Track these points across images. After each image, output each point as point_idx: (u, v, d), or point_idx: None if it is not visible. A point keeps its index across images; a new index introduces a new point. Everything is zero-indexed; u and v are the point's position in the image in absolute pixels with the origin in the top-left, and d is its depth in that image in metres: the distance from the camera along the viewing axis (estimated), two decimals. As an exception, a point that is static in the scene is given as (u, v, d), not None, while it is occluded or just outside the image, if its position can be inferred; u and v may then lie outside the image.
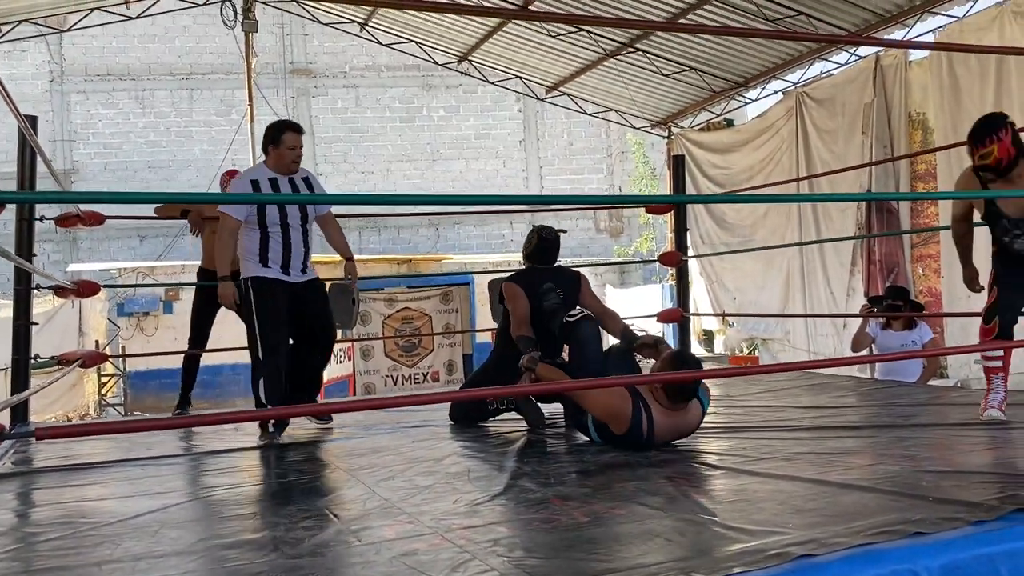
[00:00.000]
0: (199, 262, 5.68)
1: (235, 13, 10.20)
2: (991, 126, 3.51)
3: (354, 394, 11.57)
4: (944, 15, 7.24)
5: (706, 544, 2.05)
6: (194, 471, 3.56)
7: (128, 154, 16.97)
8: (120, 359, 12.49)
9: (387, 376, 11.81)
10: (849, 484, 2.57)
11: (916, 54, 7.73)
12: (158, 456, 3.89)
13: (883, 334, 6.09)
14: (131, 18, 9.66)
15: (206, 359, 5.66)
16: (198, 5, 9.93)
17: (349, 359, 11.66)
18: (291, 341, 4.37)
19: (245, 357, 4.61)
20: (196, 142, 17.04)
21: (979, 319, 6.58)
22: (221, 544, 2.36)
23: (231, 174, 5.70)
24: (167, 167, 16.88)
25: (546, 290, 4.27)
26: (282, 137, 4.22)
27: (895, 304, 6.17)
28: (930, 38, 7.27)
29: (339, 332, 9.73)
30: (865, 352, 6.13)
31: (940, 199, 7.25)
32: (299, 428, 4.53)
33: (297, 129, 4.31)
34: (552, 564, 1.99)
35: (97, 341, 12.51)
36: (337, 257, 4.85)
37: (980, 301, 6.67)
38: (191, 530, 2.54)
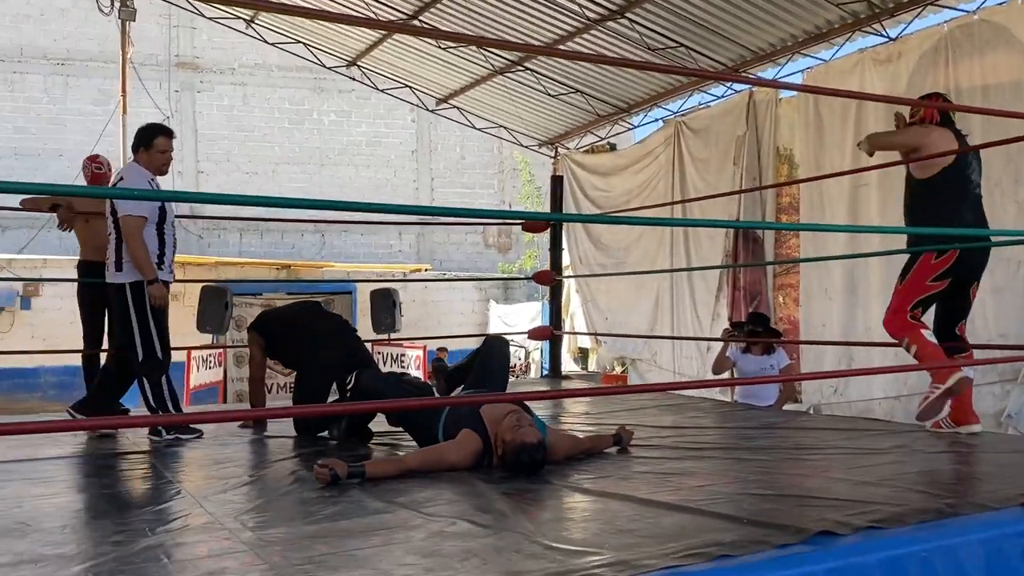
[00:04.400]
0: (72, 256, 5.47)
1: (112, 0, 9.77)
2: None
3: (224, 401, 11.17)
4: (813, 57, 7.61)
5: (518, 564, 2.04)
6: (13, 480, 3.32)
7: (-8, 139, 15.97)
8: (-31, 356, 11.66)
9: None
10: (675, 505, 2.61)
11: (786, 92, 8.09)
12: (-23, 463, 3.63)
13: (743, 358, 6.32)
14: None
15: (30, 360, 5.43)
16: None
17: (220, 365, 11.23)
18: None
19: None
20: (69, 131, 16.16)
21: (832, 347, 6.95)
22: (13, 560, 2.20)
23: (94, 160, 5.47)
24: (36, 156, 15.95)
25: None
26: (154, 141, 4.42)
27: (755, 330, 6.42)
28: (799, 77, 7.60)
29: (211, 337, 9.38)
30: (727, 375, 6.36)
31: (802, 230, 7.59)
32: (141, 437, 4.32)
33: (169, 133, 4.52)
34: (360, 584, 1.93)
35: (-57, 336, 11.67)
36: (212, 259, 5.00)
37: (832, 331, 7.05)
38: (-13, 545, 2.36)
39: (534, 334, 6.95)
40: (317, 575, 2.00)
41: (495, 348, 4.48)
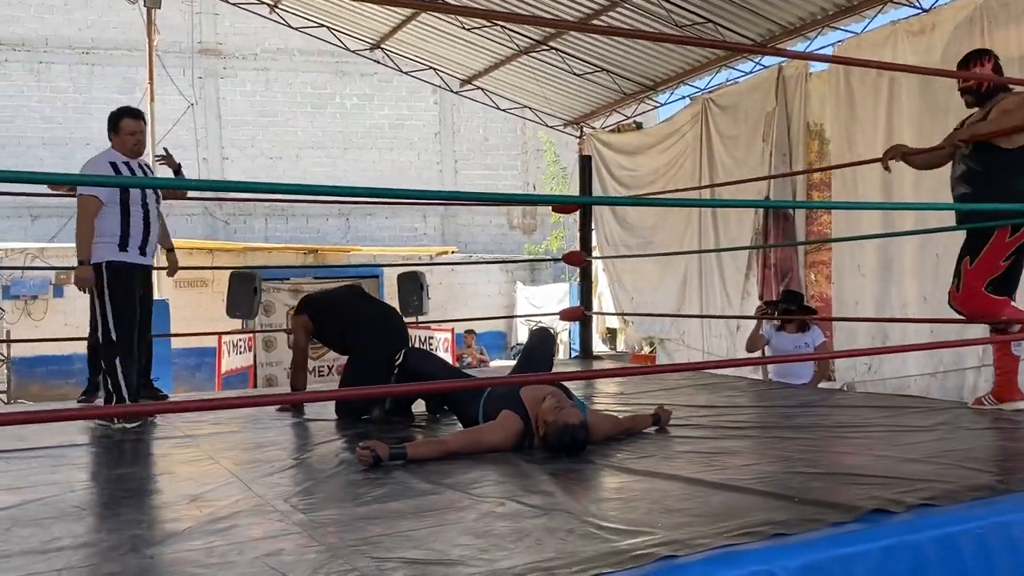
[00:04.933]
0: None
1: (137, -13, 9.80)
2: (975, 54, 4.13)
3: (254, 386, 11.26)
4: (843, 30, 7.49)
5: (574, 545, 2.05)
6: (62, 464, 3.38)
7: (21, 129, 16.11)
8: (4, 344, 11.85)
9: (290, 368, 11.52)
10: (722, 484, 2.61)
11: (816, 66, 7.97)
12: (26, 448, 3.69)
13: (777, 336, 6.29)
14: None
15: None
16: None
17: (250, 350, 11.31)
18: None
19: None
20: (95, 120, 16.24)
21: (865, 325, 6.89)
22: (74, 543, 2.24)
23: None
24: (63, 145, 16.09)
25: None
26: (120, 124, 4.45)
27: (789, 308, 6.38)
28: (830, 51, 7.49)
29: (241, 322, 9.40)
30: (759, 353, 6.32)
31: (834, 208, 7.50)
32: (216, 421, 4.37)
33: (135, 115, 4.52)
34: (417, 567, 1.95)
35: (-21, 325, 11.86)
36: (240, 245, 4.99)
37: (866, 308, 6.98)
38: (45, 528, 2.40)
39: (565, 315, 6.94)
40: (374, 556, 2.02)
41: (540, 339, 4.61)
